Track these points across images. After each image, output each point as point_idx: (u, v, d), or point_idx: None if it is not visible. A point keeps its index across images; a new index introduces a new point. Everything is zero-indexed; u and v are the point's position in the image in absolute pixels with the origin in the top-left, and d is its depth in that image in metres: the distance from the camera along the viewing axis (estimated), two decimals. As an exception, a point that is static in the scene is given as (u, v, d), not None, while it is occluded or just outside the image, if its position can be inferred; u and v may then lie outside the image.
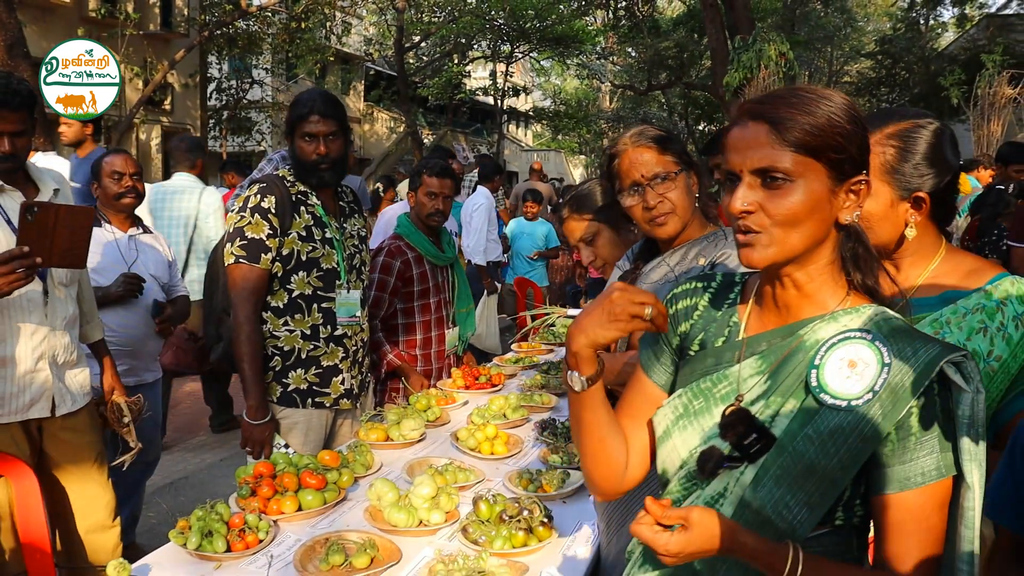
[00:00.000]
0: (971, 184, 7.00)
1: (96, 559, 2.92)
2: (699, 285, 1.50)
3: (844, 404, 1.24)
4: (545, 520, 2.18)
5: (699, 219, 2.20)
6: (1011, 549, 1.40)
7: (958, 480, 1.22)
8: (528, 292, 8.34)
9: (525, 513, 2.18)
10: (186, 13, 17.93)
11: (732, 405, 1.34)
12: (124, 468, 3.14)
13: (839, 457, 1.23)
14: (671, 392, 1.47)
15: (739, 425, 1.29)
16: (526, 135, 42.58)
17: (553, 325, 5.09)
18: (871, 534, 1.33)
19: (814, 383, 1.26)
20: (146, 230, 4.03)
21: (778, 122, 1.22)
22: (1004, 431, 1.62)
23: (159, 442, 4.17)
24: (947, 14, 34.13)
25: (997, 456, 1.60)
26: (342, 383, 3.12)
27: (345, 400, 3.15)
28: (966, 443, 1.19)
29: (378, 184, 9.61)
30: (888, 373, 1.22)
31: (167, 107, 18.51)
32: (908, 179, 1.67)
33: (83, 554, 2.92)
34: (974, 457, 1.19)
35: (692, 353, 1.44)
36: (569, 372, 1.37)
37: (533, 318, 3.80)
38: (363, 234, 3.32)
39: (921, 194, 1.67)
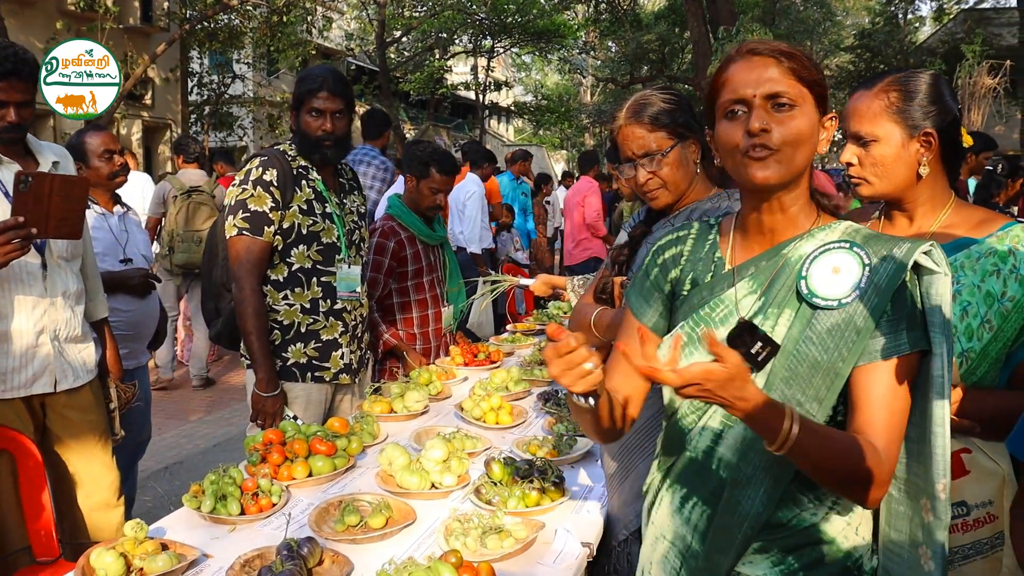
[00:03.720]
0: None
1: (100, 537, 2.90)
2: (680, 235, 1.65)
3: (835, 304, 1.39)
4: (557, 480, 2.20)
5: (702, 183, 2.23)
6: None
7: (927, 355, 1.36)
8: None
9: (537, 474, 2.20)
10: (166, 7, 17.75)
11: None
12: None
13: (838, 350, 1.38)
14: (664, 334, 1.60)
15: (745, 336, 1.43)
16: (508, 130, 42.58)
17: (526, 304, 5.11)
18: None
19: (804, 291, 1.42)
20: (128, 208, 4.02)
21: (782, 58, 1.41)
22: (1020, 369, 1.66)
23: (149, 423, 4.15)
24: (925, 8, 34.45)
25: (1018, 396, 1.64)
26: (341, 358, 3.12)
27: (344, 375, 3.15)
28: (937, 318, 1.34)
29: None
30: (871, 272, 1.38)
31: (148, 101, 18.29)
32: (914, 117, 1.78)
33: (87, 531, 2.90)
34: (943, 331, 1.34)
35: (685, 293, 1.58)
36: (577, 397, 1.39)
37: (486, 283, 3.82)
38: (362, 211, 3.33)
39: (929, 130, 1.77)
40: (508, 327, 4.91)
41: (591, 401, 1.40)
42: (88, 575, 1.79)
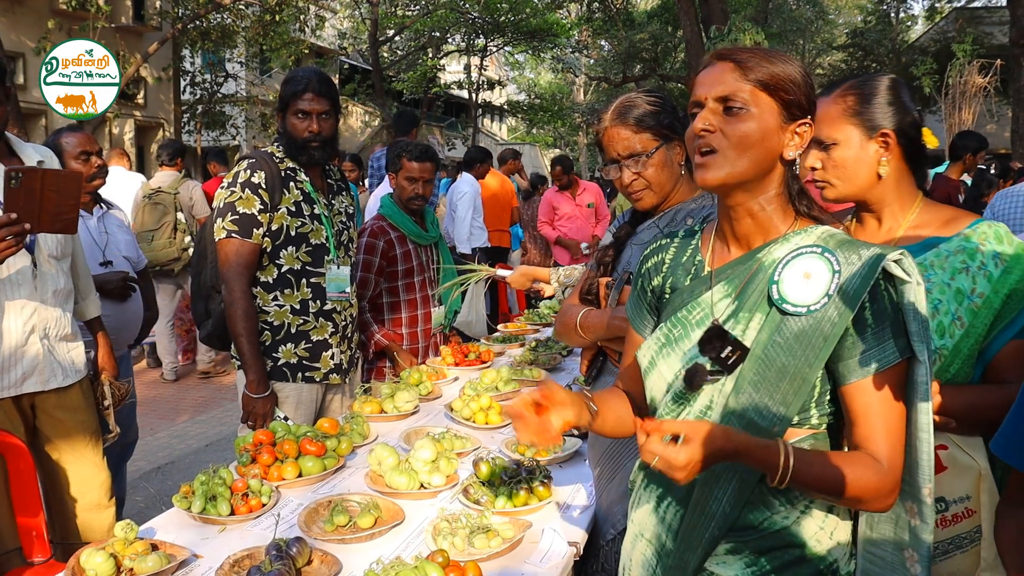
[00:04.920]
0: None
1: (91, 537, 2.90)
2: (664, 242, 1.70)
3: (804, 310, 1.40)
4: (544, 480, 2.22)
5: (687, 184, 2.25)
6: (1021, 490, 1.41)
7: (911, 362, 1.38)
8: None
9: (525, 473, 2.21)
10: (158, 6, 17.73)
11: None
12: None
13: (805, 356, 1.39)
14: None
15: (716, 340, 1.45)
16: (501, 129, 42.57)
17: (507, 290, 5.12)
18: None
19: (775, 296, 1.43)
20: (109, 206, 3.99)
21: (742, 62, 1.43)
22: (993, 365, 1.69)
23: (136, 424, 4.15)
24: (917, 6, 34.55)
25: (991, 391, 1.66)
26: (332, 358, 3.13)
27: (335, 375, 3.17)
28: (914, 326, 1.36)
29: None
30: (839, 278, 1.39)
31: (140, 101, 18.29)
32: (871, 118, 1.81)
33: (78, 532, 2.91)
34: (922, 338, 1.35)
35: (667, 297, 1.63)
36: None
37: (460, 273, 3.81)
38: (350, 211, 3.34)
39: (886, 130, 1.81)
40: (500, 327, 4.92)
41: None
42: (78, 575, 1.80)
